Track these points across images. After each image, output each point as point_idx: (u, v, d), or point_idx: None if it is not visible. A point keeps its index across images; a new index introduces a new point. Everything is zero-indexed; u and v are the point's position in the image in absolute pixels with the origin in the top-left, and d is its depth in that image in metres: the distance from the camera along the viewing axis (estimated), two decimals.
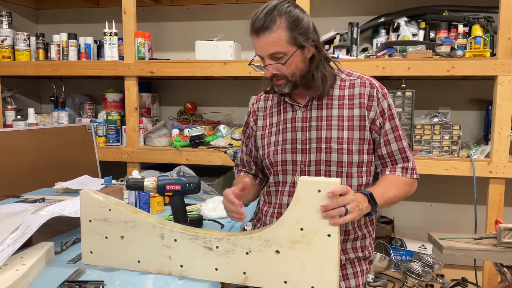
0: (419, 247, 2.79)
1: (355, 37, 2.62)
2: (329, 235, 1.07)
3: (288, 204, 1.38)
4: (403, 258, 2.75)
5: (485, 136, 2.75)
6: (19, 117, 3.05)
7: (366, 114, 1.36)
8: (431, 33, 2.69)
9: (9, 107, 3.09)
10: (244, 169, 1.60)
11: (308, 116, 1.39)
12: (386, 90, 1.41)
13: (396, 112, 1.42)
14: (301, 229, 1.09)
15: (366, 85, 1.39)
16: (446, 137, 2.50)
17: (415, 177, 1.40)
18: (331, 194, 1.06)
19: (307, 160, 1.37)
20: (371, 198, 1.21)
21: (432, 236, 1.83)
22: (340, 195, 1.09)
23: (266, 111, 1.50)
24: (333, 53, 2.65)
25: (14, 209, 1.58)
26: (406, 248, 2.80)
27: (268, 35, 1.27)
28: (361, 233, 1.41)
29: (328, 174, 1.36)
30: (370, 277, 2.60)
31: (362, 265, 1.42)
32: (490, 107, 2.55)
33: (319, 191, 1.08)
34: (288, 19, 1.27)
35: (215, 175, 2.86)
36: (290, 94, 1.43)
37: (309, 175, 1.37)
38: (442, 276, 2.63)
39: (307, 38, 1.30)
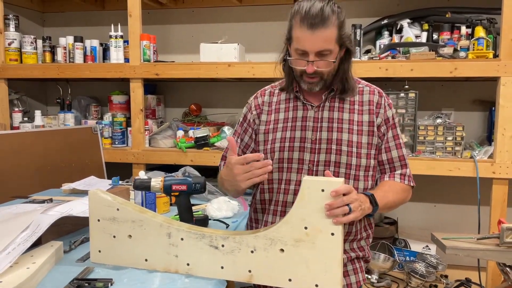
0: (423, 248, 2.80)
1: (358, 39, 2.64)
2: (332, 234, 1.09)
3: (293, 203, 1.40)
4: (407, 258, 2.76)
5: (489, 137, 2.75)
6: (26, 119, 3.08)
7: (374, 120, 1.41)
8: (434, 35, 2.70)
9: (16, 109, 3.12)
10: None
11: (319, 117, 1.41)
12: (391, 101, 1.48)
13: (397, 119, 1.48)
14: (305, 227, 1.11)
15: (374, 93, 1.45)
16: (450, 138, 2.51)
17: (412, 184, 1.45)
18: (334, 193, 1.08)
19: (315, 160, 1.39)
20: (372, 199, 1.24)
21: (435, 236, 1.84)
22: (344, 194, 1.11)
23: (272, 106, 1.50)
24: None
25: (23, 209, 1.61)
26: (410, 248, 2.81)
27: (324, 31, 1.27)
28: (360, 236, 1.45)
29: (336, 175, 1.37)
30: (374, 277, 2.61)
31: (360, 262, 1.48)
32: (493, 108, 2.56)
33: (323, 190, 1.09)
34: (338, 17, 1.30)
35: None
36: (304, 93, 1.44)
37: (316, 175, 1.38)
38: (446, 276, 2.64)
39: (347, 38, 1.34)
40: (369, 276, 2.62)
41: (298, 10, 1.29)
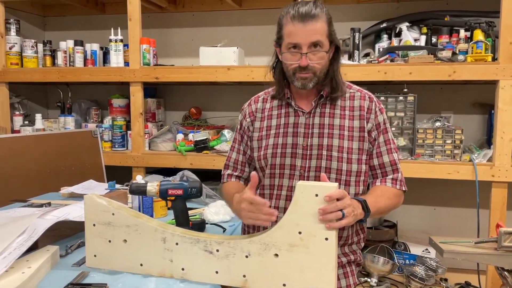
0: (423, 251, 2.79)
1: (357, 43, 2.64)
2: (326, 239, 1.09)
3: (285, 208, 1.41)
4: (407, 262, 2.76)
5: (488, 140, 2.75)
6: (26, 122, 3.10)
7: (365, 126, 1.41)
8: (432, 38, 2.70)
9: (17, 112, 3.14)
10: (236, 173, 1.58)
11: (310, 123, 1.43)
12: (382, 105, 1.49)
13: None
14: (300, 232, 1.11)
15: (365, 98, 1.46)
16: (449, 141, 2.51)
17: (404, 189, 1.45)
18: (328, 198, 1.08)
19: (306, 165, 1.40)
20: (365, 205, 1.24)
21: (433, 240, 1.84)
22: (337, 199, 1.11)
23: (265, 112, 1.52)
24: None
25: (21, 213, 1.62)
26: (410, 252, 2.80)
27: (315, 23, 1.32)
28: (351, 240, 1.46)
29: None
30: (374, 280, 2.60)
31: (351, 265, 1.48)
32: (492, 111, 2.56)
33: (316, 195, 1.10)
34: (327, 15, 1.36)
35: (219, 180, 2.87)
36: (295, 99, 1.46)
37: (307, 180, 1.39)
38: (446, 280, 2.63)
39: (336, 37, 1.38)
40: (369, 280, 2.61)
41: (287, 11, 1.36)
